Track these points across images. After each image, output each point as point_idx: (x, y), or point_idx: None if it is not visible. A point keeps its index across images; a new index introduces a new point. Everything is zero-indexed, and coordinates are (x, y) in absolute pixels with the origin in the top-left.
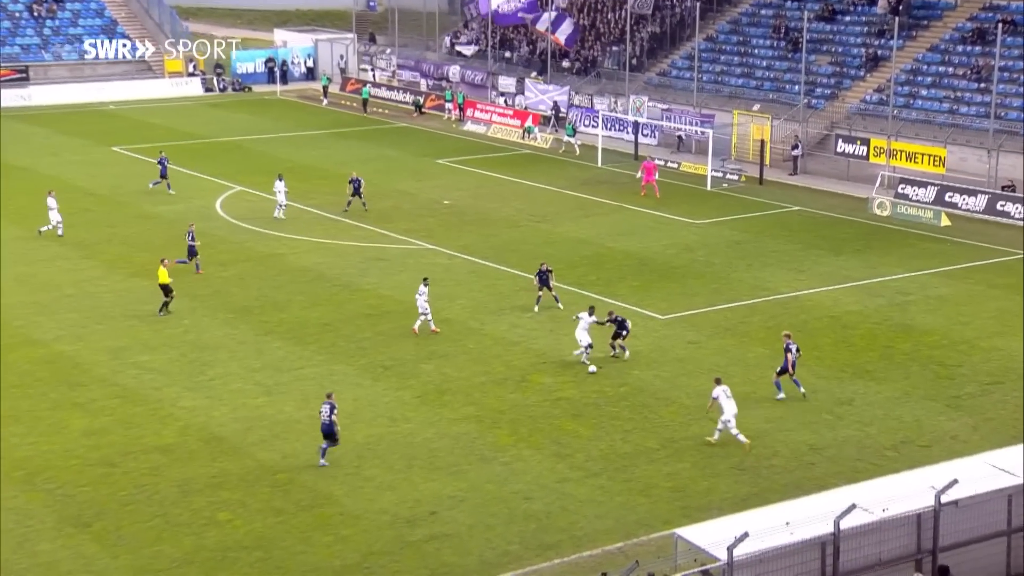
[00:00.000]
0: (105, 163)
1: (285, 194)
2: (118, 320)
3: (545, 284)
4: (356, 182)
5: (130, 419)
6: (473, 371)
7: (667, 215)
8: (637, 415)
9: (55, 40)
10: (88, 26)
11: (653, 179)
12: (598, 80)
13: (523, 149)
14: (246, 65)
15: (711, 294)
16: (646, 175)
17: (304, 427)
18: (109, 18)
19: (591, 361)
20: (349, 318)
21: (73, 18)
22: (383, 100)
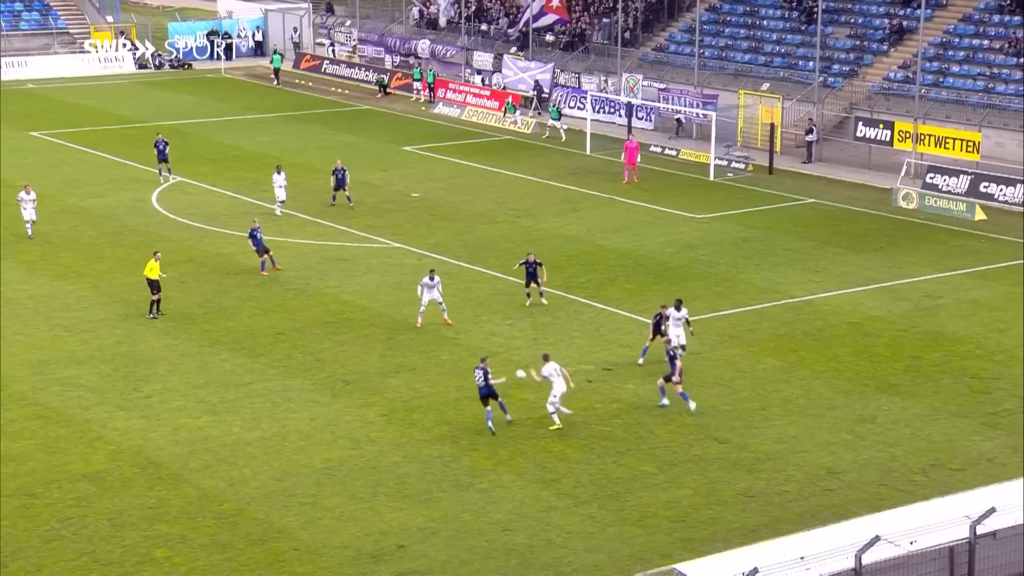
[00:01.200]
0: (24, 150)
1: (285, 189)
2: (40, 330)
3: (533, 279)
4: (340, 172)
5: (54, 443)
6: (447, 386)
7: (665, 209)
8: (632, 435)
9: None
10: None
11: (635, 162)
12: (586, 56)
13: (502, 135)
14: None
15: (715, 298)
16: (628, 157)
17: (254, 450)
18: None
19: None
20: (305, 326)
21: None
22: (343, 79)
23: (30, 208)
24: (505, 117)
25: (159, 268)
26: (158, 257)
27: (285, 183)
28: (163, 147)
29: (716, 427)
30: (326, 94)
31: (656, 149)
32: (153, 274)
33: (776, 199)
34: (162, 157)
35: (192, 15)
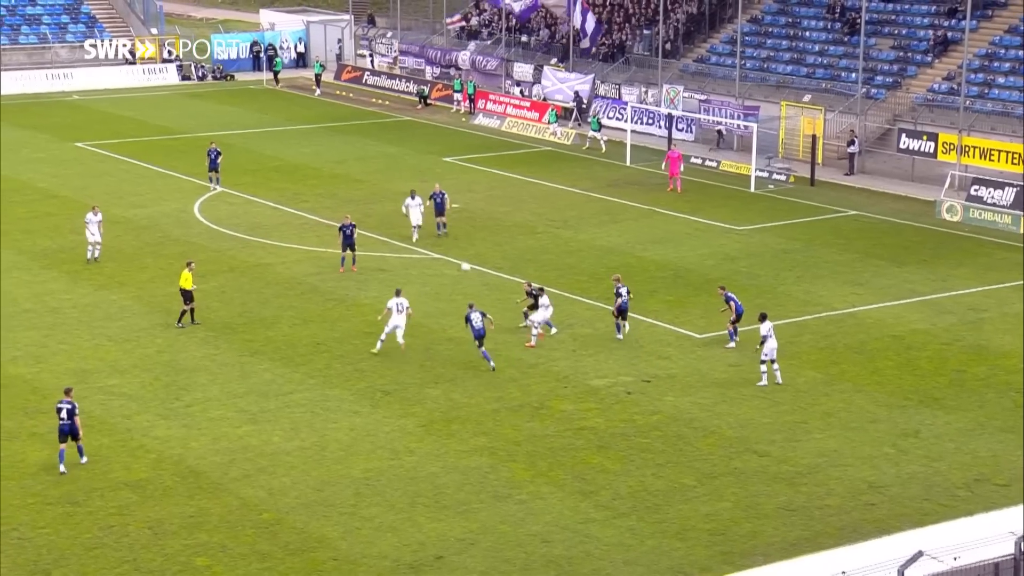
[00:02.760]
0: (68, 161)
1: (422, 213)
2: (83, 339)
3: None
4: (439, 196)
5: (96, 451)
6: (485, 397)
7: (705, 220)
8: (671, 447)
9: (11, 21)
10: (48, 5)
11: (678, 172)
12: (627, 67)
13: (541, 146)
14: (228, 50)
15: (755, 310)
16: (671, 166)
17: (294, 460)
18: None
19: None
20: (345, 337)
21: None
22: (383, 91)
23: (95, 229)
24: (551, 127)
25: (192, 278)
26: (192, 267)
27: (421, 206)
28: (215, 156)
29: (756, 440)
30: (367, 105)
31: (697, 161)
32: (187, 284)
33: (818, 211)
34: (213, 166)
35: (235, 27)
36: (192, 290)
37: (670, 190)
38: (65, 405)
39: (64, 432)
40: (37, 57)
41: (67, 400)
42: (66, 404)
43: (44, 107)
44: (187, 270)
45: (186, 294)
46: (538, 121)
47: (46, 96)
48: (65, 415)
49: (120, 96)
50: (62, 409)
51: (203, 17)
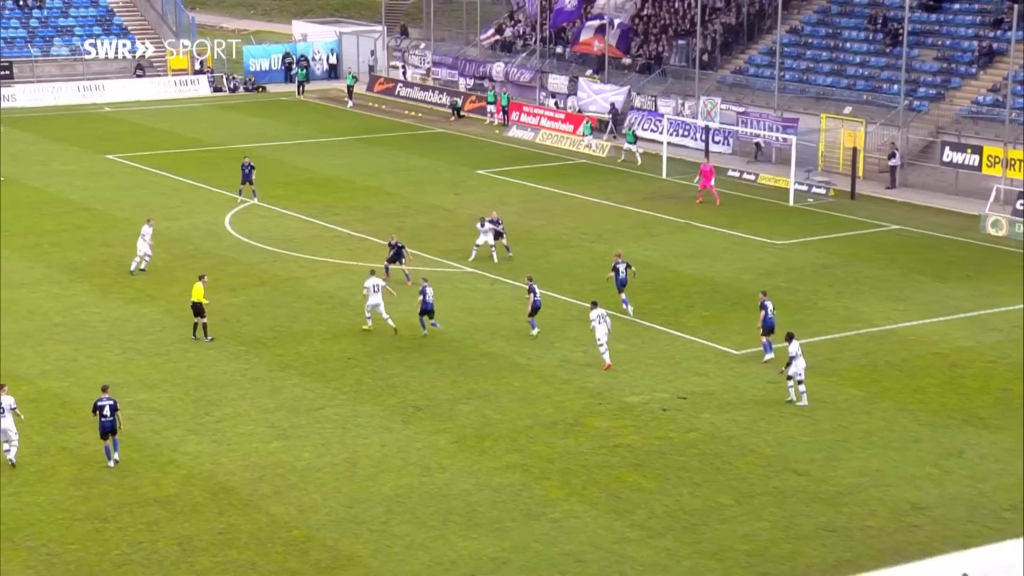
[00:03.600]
0: (100, 173)
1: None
2: (113, 353)
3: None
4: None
5: (125, 466)
6: (518, 413)
7: (743, 234)
8: (708, 465)
9: (43, 33)
10: (81, 17)
11: (711, 184)
12: (663, 79)
13: (576, 158)
14: (260, 62)
15: (794, 326)
16: (703, 179)
17: (324, 476)
18: (105, 8)
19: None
20: (376, 351)
21: (64, 8)
22: (416, 102)
23: (146, 243)
24: (582, 140)
25: (203, 291)
26: (204, 281)
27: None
28: (249, 170)
29: (796, 459)
30: (399, 117)
31: (734, 173)
32: (199, 297)
33: (858, 225)
34: (246, 179)
35: (267, 38)
36: (205, 303)
37: (699, 203)
38: (107, 402)
39: (107, 429)
40: (68, 69)
41: (107, 397)
42: (107, 401)
43: (76, 119)
44: (200, 283)
45: (197, 307)
46: (572, 133)
47: (78, 108)
48: (108, 412)
49: (152, 108)
50: (104, 407)
51: (235, 28)
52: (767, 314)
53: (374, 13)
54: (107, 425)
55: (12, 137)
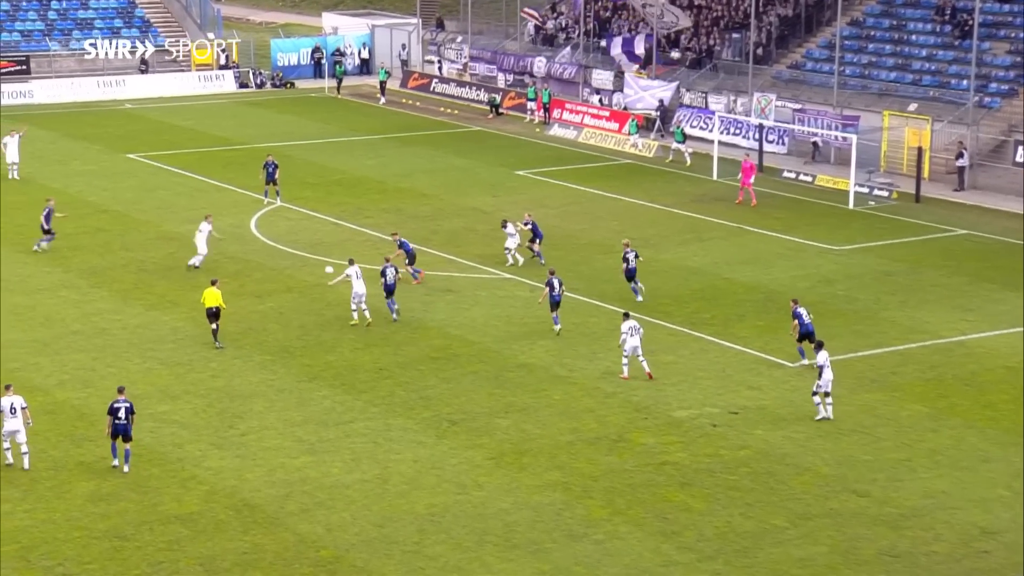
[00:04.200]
0: (120, 174)
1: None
2: (133, 362)
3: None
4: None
5: (145, 482)
6: (559, 428)
7: (799, 239)
8: (761, 485)
9: (62, 25)
10: (101, 9)
11: (750, 183)
12: (714, 74)
13: (621, 158)
14: (288, 56)
15: (854, 337)
16: (743, 177)
17: (354, 494)
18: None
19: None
20: (410, 362)
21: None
22: (452, 99)
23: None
24: (627, 139)
25: (220, 296)
26: (217, 285)
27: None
28: (272, 169)
29: (855, 479)
30: (434, 115)
31: (790, 175)
32: (215, 302)
33: (923, 230)
34: (270, 179)
35: (296, 31)
36: (220, 308)
37: (739, 202)
38: (123, 404)
39: (119, 431)
40: (87, 64)
41: (123, 399)
42: (124, 403)
43: (95, 116)
44: (214, 288)
45: (215, 312)
46: (618, 132)
47: (97, 105)
48: (123, 415)
49: (175, 104)
50: (120, 408)
51: (262, 21)
52: (802, 320)
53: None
54: (120, 428)
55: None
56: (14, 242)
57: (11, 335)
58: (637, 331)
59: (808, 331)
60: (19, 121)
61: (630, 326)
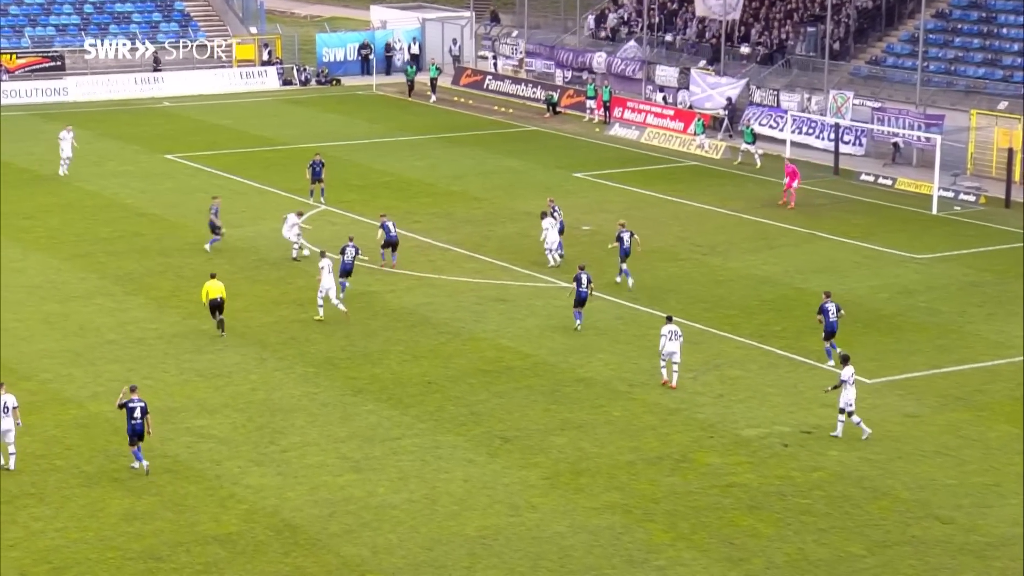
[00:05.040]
0: (158, 175)
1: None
2: (170, 373)
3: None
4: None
5: (182, 500)
6: (619, 446)
7: (877, 247)
8: (836, 509)
9: (98, 20)
10: (139, 3)
11: (793, 186)
12: (787, 70)
13: (686, 160)
14: (335, 51)
15: (937, 352)
16: (788, 179)
17: (401, 515)
18: None
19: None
20: (460, 375)
21: None
22: (507, 97)
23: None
24: (693, 140)
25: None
26: (216, 278)
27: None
28: (319, 168)
29: (939, 504)
30: (488, 113)
31: (868, 178)
32: (218, 293)
33: (1014, 237)
34: (316, 178)
35: (342, 25)
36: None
37: (782, 203)
38: (138, 404)
39: (138, 432)
40: (124, 60)
41: (137, 398)
42: (139, 403)
43: (132, 115)
44: (214, 280)
45: (215, 304)
46: (683, 132)
47: (135, 102)
48: (139, 414)
49: (215, 102)
50: (135, 408)
51: (307, 15)
52: (828, 316)
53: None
54: (137, 427)
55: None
56: (47, 247)
57: (44, 344)
58: (677, 336)
59: (833, 329)
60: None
61: (670, 330)
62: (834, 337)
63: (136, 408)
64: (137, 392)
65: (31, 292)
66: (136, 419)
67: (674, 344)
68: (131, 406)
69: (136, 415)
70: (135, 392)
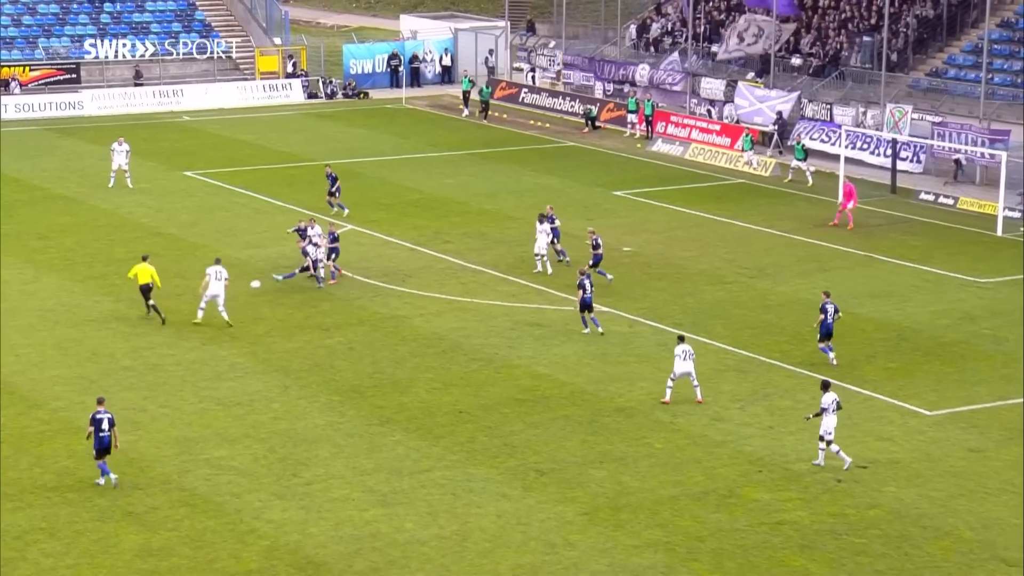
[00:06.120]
0: (176, 193)
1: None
2: (188, 402)
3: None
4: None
5: (200, 535)
6: (661, 480)
7: (938, 270)
8: (894, 549)
9: (115, 30)
10: (158, 12)
11: (848, 205)
12: (841, 83)
13: (733, 177)
14: (362, 63)
15: (1002, 382)
16: (844, 199)
17: (430, 552)
18: (185, 1)
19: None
20: (493, 404)
21: (139, 1)
22: (543, 111)
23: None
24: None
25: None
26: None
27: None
28: (332, 182)
29: (1004, 545)
30: (523, 128)
31: (927, 196)
32: (147, 279)
33: None
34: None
35: (370, 36)
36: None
37: (836, 224)
38: (105, 415)
39: (105, 446)
40: (143, 71)
41: (104, 410)
42: (105, 415)
43: (150, 129)
44: (145, 263)
45: (145, 289)
46: (729, 148)
47: (153, 117)
48: (106, 426)
49: (236, 117)
50: (103, 420)
51: (334, 24)
52: (827, 318)
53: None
54: (105, 440)
55: (78, 151)
56: (60, 268)
57: (56, 371)
58: (690, 356)
59: (829, 331)
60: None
61: (684, 350)
62: (831, 339)
63: (103, 420)
64: (105, 404)
65: (43, 316)
66: (104, 431)
67: (688, 364)
68: (98, 418)
69: (104, 427)
70: (102, 404)
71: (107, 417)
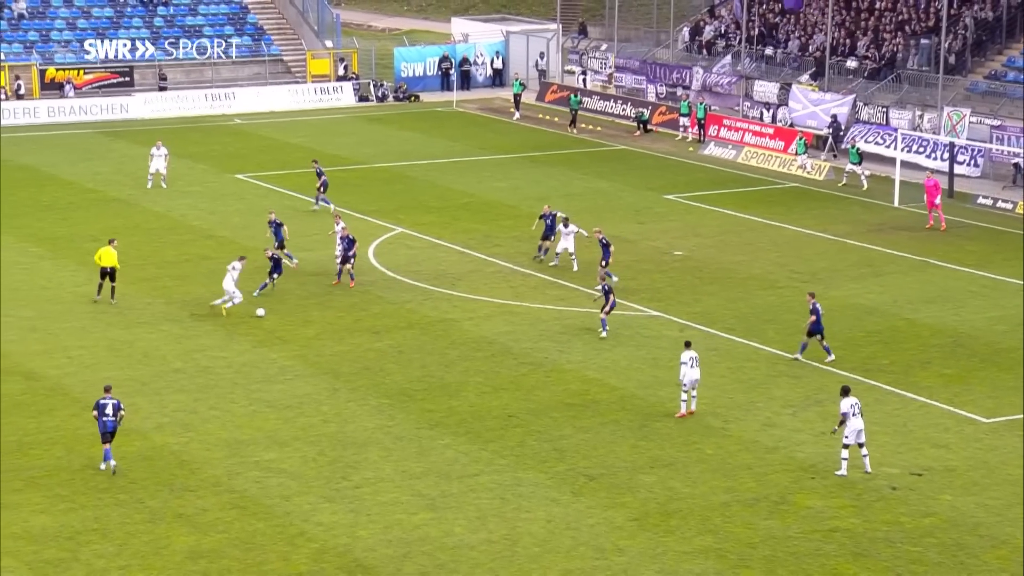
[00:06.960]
0: (227, 195)
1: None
2: (239, 404)
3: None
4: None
5: (250, 538)
6: (712, 487)
7: (996, 276)
8: (950, 558)
9: (168, 33)
10: (211, 15)
11: (936, 203)
12: (897, 86)
13: (786, 181)
14: (413, 66)
15: None
16: (928, 197)
17: (479, 556)
18: (238, 5)
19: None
20: (542, 409)
21: (192, 4)
22: (595, 114)
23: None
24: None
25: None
26: (114, 245)
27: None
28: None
29: None
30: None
31: (985, 201)
32: (110, 261)
33: None
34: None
35: (422, 39)
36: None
37: (929, 227)
38: (110, 401)
39: (110, 430)
40: (195, 74)
41: (109, 396)
42: (110, 400)
43: (202, 132)
44: (110, 247)
45: (106, 272)
46: (783, 151)
47: (206, 120)
48: (111, 411)
49: (287, 120)
50: (106, 405)
51: (385, 27)
52: (818, 318)
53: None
54: (109, 425)
55: (131, 154)
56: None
57: (107, 372)
58: (696, 362)
59: (818, 328)
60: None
61: (691, 356)
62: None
63: (107, 405)
64: (111, 391)
65: (96, 318)
66: (108, 416)
67: (697, 371)
68: (102, 403)
69: (108, 412)
70: (109, 392)
71: (112, 403)
